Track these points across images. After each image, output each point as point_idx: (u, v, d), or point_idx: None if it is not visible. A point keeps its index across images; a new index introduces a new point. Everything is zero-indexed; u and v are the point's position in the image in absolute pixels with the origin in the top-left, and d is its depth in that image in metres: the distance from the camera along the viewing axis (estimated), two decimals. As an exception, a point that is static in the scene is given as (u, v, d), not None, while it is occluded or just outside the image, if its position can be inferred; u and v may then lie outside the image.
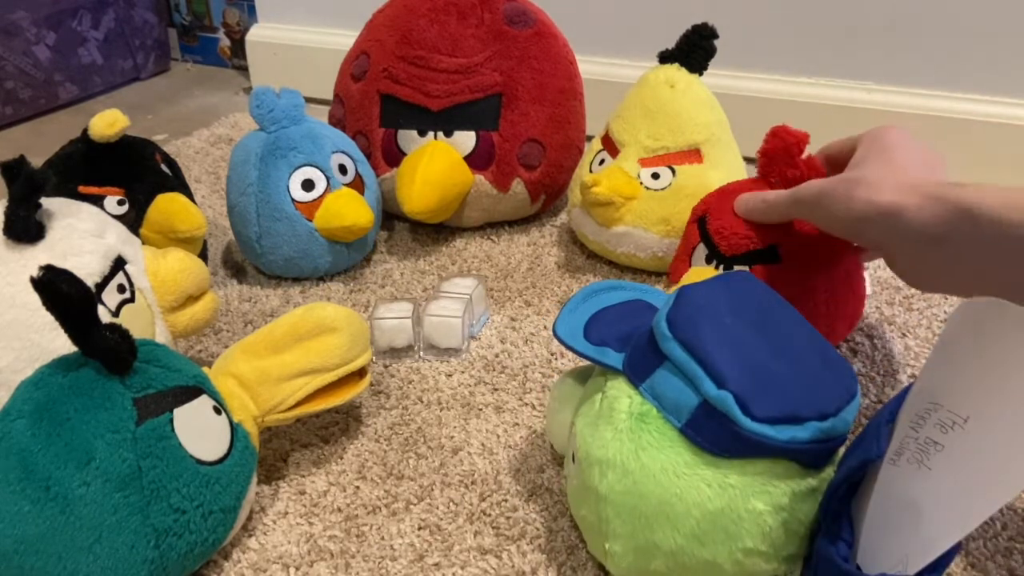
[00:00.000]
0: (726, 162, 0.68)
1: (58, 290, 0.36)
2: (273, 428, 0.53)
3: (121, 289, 0.50)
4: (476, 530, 0.46)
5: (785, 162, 0.55)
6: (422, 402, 0.57)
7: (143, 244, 0.54)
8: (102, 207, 0.59)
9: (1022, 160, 0.85)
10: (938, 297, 0.67)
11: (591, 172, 0.71)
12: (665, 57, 0.69)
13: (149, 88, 1.27)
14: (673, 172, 0.67)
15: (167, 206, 0.62)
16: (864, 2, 0.87)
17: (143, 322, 0.51)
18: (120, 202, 0.63)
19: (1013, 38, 0.83)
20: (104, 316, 0.48)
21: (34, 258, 0.46)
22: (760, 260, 0.55)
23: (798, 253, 0.55)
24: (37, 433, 0.38)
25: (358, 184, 0.70)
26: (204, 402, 0.43)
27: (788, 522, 0.37)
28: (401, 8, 0.75)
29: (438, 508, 0.48)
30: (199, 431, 0.42)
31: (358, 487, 0.50)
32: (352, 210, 0.67)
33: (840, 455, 0.39)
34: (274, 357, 0.47)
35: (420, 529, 0.47)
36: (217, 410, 0.43)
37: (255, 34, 1.18)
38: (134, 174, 0.64)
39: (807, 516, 0.37)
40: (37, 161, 0.52)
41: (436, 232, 0.79)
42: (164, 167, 0.67)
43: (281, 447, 0.53)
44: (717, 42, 0.67)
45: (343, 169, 0.69)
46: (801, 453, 0.36)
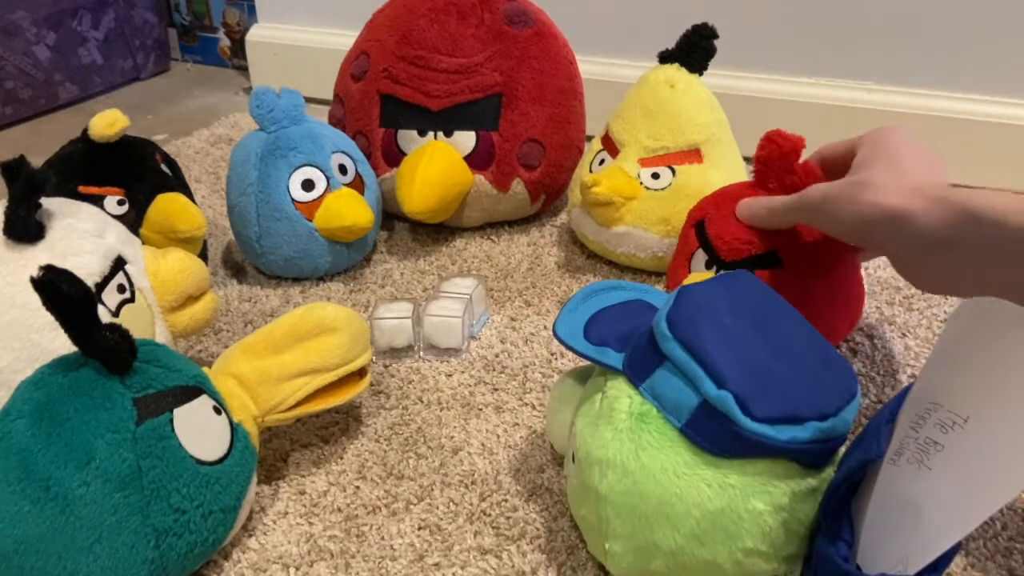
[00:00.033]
0: (726, 162, 0.68)
1: (58, 290, 0.36)
2: (273, 428, 0.53)
3: (121, 289, 0.50)
4: (476, 530, 0.46)
5: (783, 168, 0.54)
6: (422, 402, 0.57)
7: (143, 244, 0.54)
8: (102, 207, 0.59)
9: (1022, 160, 0.85)
10: (938, 297, 0.67)
11: (591, 172, 0.71)
12: (665, 57, 0.69)
13: (149, 88, 1.27)
14: (673, 172, 0.67)
15: (167, 206, 0.62)
16: (864, 2, 0.87)
17: (143, 322, 0.51)
18: (120, 202, 0.63)
19: (1013, 38, 0.83)
20: (104, 316, 0.48)
21: (34, 258, 0.46)
22: (761, 265, 0.55)
23: (799, 257, 0.55)
24: (37, 433, 0.38)
25: (358, 184, 0.70)
26: (204, 402, 0.43)
27: (788, 522, 0.37)
28: (401, 8, 0.75)
29: (438, 508, 0.48)
30: (199, 431, 0.42)
31: (358, 487, 0.50)
32: (352, 210, 0.67)
33: (840, 455, 0.39)
34: (274, 357, 0.47)
35: (420, 529, 0.47)
36: (217, 410, 0.43)
37: (255, 34, 1.18)
38: (134, 174, 0.64)
39: (807, 516, 0.37)
40: (37, 161, 0.52)
41: (436, 232, 0.79)
42: (164, 167, 0.67)
43: (281, 447, 0.53)
44: (717, 42, 0.67)
45: (343, 169, 0.69)
46: (801, 453, 0.36)
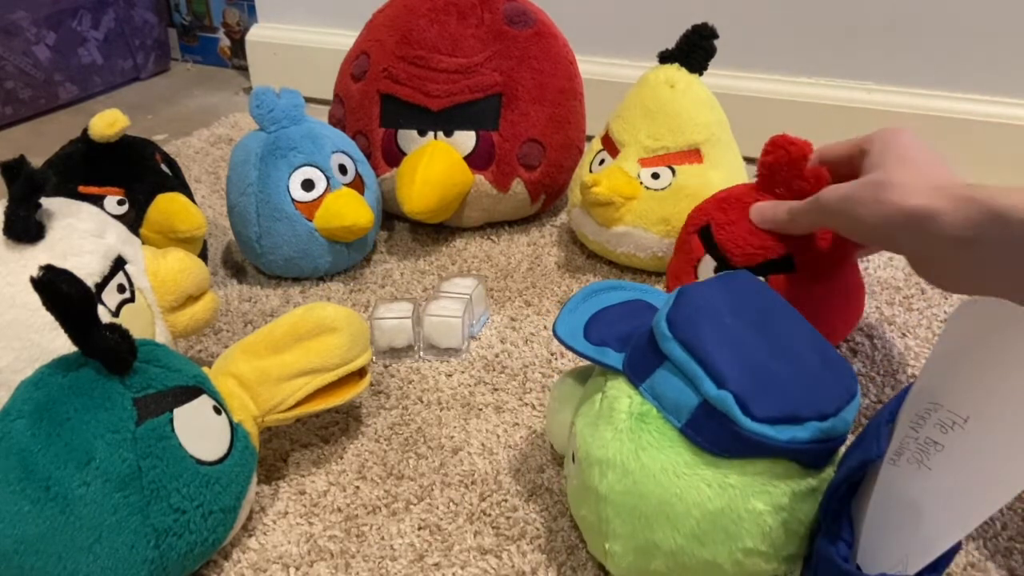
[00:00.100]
0: (726, 162, 0.68)
1: (58, 290, 0.36)
2: (273, 428, 0.53)
3: (121, 289, 0.50)
4: (476, 530, 0.46)
5: (792, 174, 0.54)
6: (422, 402, 0.57)
7: (143, 244, 0.54)
8: (102, 207, 0.59)
9: (1022, 160, 0.85)
10: (938, 297, 0.67)
11: (591, 172, 0.71)
12: (665, 57, 0.69)
13: (149, 88, 1.27)
14: (673, 172, 0.67)
15: (167, 206, 0.62)
16: (864, 2, 0.87)
17: (143, 322, 0.51)
18: (120, 202, 0.63)
19: (1013, 38, 0.83)
20: (104, 316, 0.48)
21: (34, 258, 0.46)
22: (775, 270, 0.54)
23: (812, 260, 0.54)
24: (37, 433, 0.38)
25: (358, 184, 0.70)
26: (204, 402, 0.43)
27: (788, 522, 0.37)
28: (401, 8, 0.75)
29: (438, 508, 0.48)
30: (199, 431, 0.42)
31: (358, 487, 0.50)
32: (352, 210, 0.67)
33: (840, 455, 0.39)
34: (274, 357, 0.47)
35: (420, 529, 0.47)
36: (217, 410, 0.43)
37: (255, 34, 1.18)
38: (134, 174, 0.64)
39: (807, 516, 0.37)
40: (37, 161, 0.52)
41: (436, 232, 0.79)
42: (164, 167, 0.67)
43: (281, 447, 0.53)
44: (717, 42, 0.67)
45: (343, 169, 0.69)
46: (801, 453, 0.36)
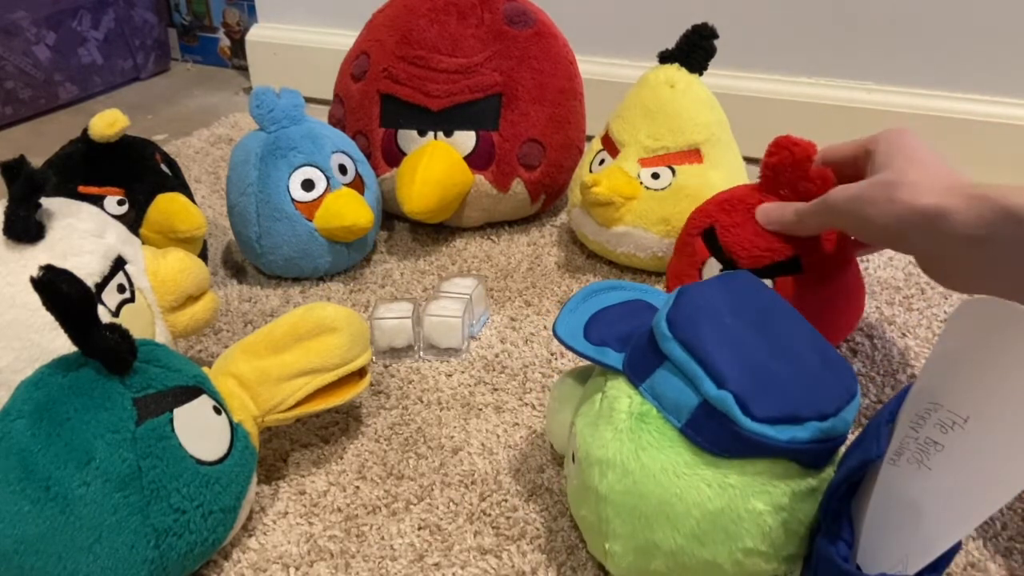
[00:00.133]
0: (726, 162, 0.68)
1: (58, 290, 0.36)
2: (273, 428, 0.53)
3: (121, 289, 0.50)
4: (476, 530, 0.46)
5: (796, 175, 0.53)
6: (422, 402, 0.57)
7: (143, 244, 0.54)
8: (102, 207, 0.59)
9: (1022, 160, 0.85)
10: (938, 297, 0.67)
11: (591, 172, 0.71)
12: (665, 57, 0.69)
13: (149, 88, 1.27)
14: (673, 172, 0.67)
15: (167, 206, 0.62)
16: (864, 2, 0.87)
17: (143, 322, 0.51)
18: (120, 202, 0.63)
19: (1013, 38, 0.83)
20: (104, 316, 0.48)
21: (34, 258, 0.46)
22: (782, 272, 0.54)
23: (819, 261, 0.54)
24: (37, 433, 0.38)
25: (358, 184, 0.70)
26: (204, 402, 0.43)
27: (788, 522, 0.37)
28: (401, 8, 0.75)
29: (438, 508, 0.48)
30: (199, 431, 0.42)
31: (358, 487, 0.50)
32: (352, 210, 0.67)
33: (840, 455, 0.39)
34: (274, 357, 0.47)
35: (420, 529, 0.47)
36: (217, 410, 0.43)
37: (255, 34, 1.18)
38: (134, 174, 0.64)
39: (807, 516, 0.37)
40: (37, 161, 0.52)
41: (436, 232, 0.79)
42: (164, 167, 0.67)
43: (281, 447, 0.53)
44: (717, 42, 0.67)
45: (343, 169, 0.69)
46: (801, 453, 0.36)
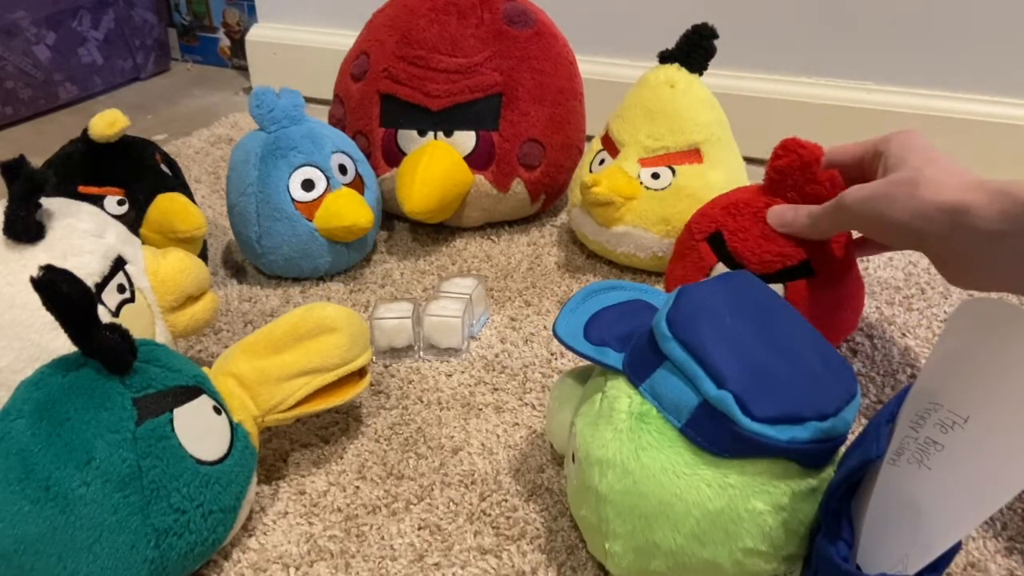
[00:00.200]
0: (726, 162, 0.68)
1: (58, 290, 0.36)
2: (273, 428, 0.53)
3: (121, 289, 0.50)
4: (476, 530, 0.46)
5: (804, 178, 0.53)
6: (422, 402, 0.57)
7: (143, 244, 0.54)
8: (102, 207, 0.59)
9: (1022, 160, 0.85)
10: (938, 297, 0.67)
11: (591, 172, 0.71)
12: (665, 57, 0.69)
13: (149, 88, 1.27)
14: (673, 172, 0.67)
15: (167, 206, 0.62)
16: (864, 2, 0.87)
17: (143, 322, 0.51)
18: (120, 202, 0.63)
19: (1013, 38, 0.83)
20: (104, 316, 0.48)
21: (34, 258, 0.46)
22: (794, 276, 0.54)
23: (829, 264, 0.54)
24: (37, 433, 0.38)
25: (358, 184, 0.70)
26: (204, 402, 0.43)
27: (788, 522, 0.37)
28: (401, 8, 0.75)
29: (438, 508, 0.48)
30: (199, 431, 0.42)
31: (358, 487, 0.50)
32: (352, 210, 0.67)
33: (840, 455, 0.39)
34: (274, 357, 0.47)
35: (420, 529, 0.47)
36: (217, 410, 0.43)
37: (255, 34, 1.18)
38: (134, 174, 0.64)
39: (807, 516, 0.37)
40: (37, 161, 0.52)
41: (436, 232, 0.79)
42: (164, 167, 0.67)
43: (281, 447, 0.53)
44: (717, 42, 0.67)
45: (343, 169, 0.69)
46: (801, 453, 0.36)
